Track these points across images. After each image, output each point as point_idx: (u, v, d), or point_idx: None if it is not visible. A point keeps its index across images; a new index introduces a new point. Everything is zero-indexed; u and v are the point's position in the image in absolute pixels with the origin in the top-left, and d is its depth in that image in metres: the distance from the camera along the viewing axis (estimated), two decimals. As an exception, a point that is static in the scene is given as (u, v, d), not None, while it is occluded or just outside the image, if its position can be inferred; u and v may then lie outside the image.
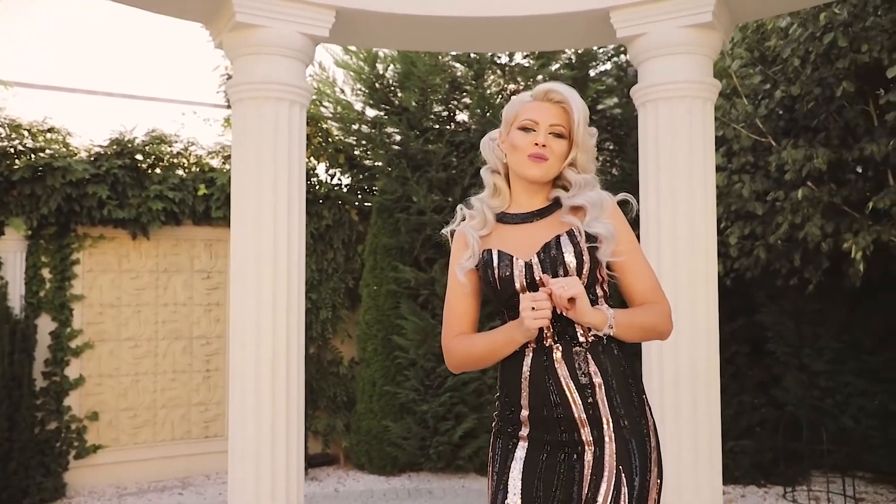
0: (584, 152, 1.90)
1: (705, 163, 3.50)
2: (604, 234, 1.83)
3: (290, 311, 3.39)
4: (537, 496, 1.79)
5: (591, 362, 1.81)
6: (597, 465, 1.77)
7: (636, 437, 1.80)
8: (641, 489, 1.77)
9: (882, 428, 5.92)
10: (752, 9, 3.65)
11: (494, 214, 1.95)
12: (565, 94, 1.90)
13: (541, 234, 1.88)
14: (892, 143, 4.66)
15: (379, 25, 3.64)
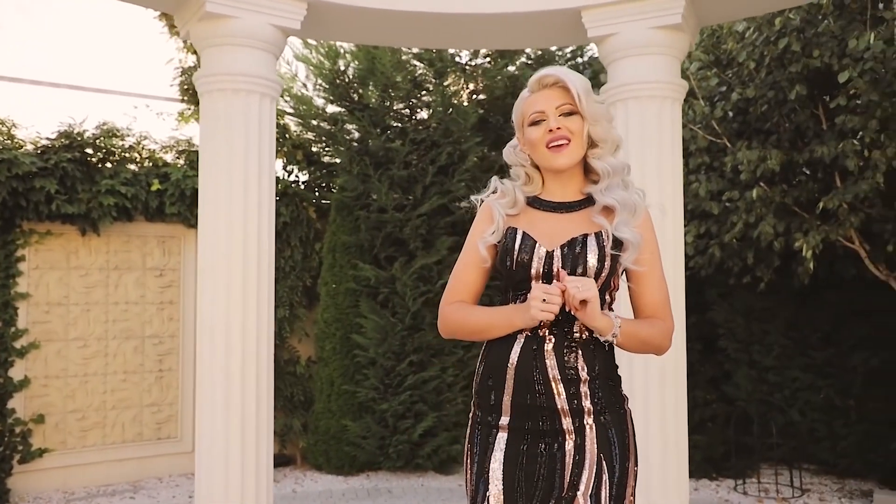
0: (596, 123, 1.87)
1: (674, 162, 3.56)
2: (631, 241, 1.82)
3: (260, 308, 3.31)
4: (519, 487, 1.78)
5: (581, 358, 1.81)
6: (578, 452, 1.77)
7: (616, 425, 1.82)
8: (621, 475, 1.79)
9: (826, 421, 6.13)
10: (718, 12, 3.73)
11: (526, 197, 1.93)
12: (557, 74, 1.88)
13: (569, 227, 1.86)
14: (841, 146, 4.82)
15: (351, 20, 3.59)
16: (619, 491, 1.76)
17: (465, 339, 1.98)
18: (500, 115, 6.80)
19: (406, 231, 6.28)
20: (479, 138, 6.44)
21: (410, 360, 6.18)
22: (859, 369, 5.97)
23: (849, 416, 6.02)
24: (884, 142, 4.81)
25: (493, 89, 6.68)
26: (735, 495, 5.87)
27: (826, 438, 6.13)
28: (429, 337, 6.22)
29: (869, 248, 5.43)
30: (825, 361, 6.15)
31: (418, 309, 6.23)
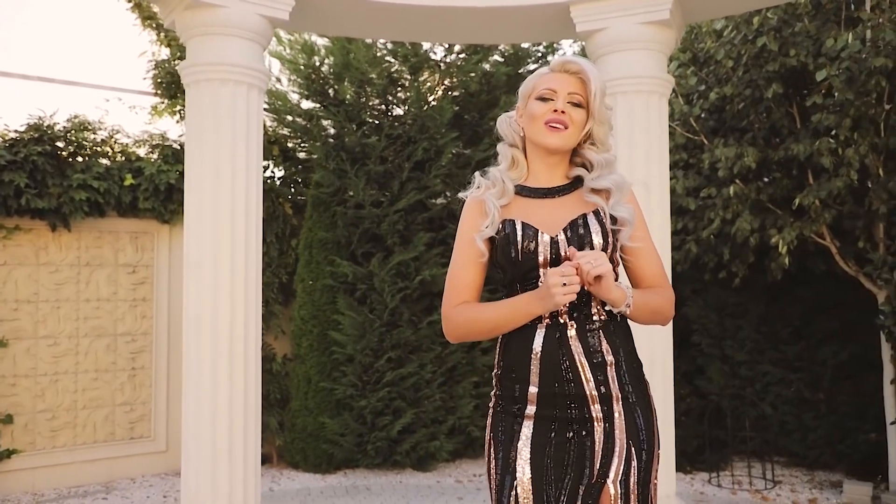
0: (601, 124, 1.89)
1: (661, 156, 3.59)
2: (627, 218, 1.83)
3: (248, 301, 3.25)
4: (548, 476, 1.77)
5: (604, 341, 1.81)
6: (607, 440, 1.77)
7: (642, 408, 1.83)
8: (648, 461, 1.80)
9: (796, 414, 6.24)
10: (705, 8, 3.76)
11: (513, 186, 1.92)
12: (582, 65, 1.89)
13: (564, 211, 1.86)
14: (816, 144, 4.91)
15: (339, 11, 3.54)
16: (646, 476, 1.77)
17: (478, 339, 1.93)
18: (475, 112, 6.79)
19: (383, 227, 6.23)
20: (455, 134, 6.41)
21: (388, 356, 6.13)
22: (828, 363, 6.09)
23: (818, 409, 6.13)
24: (857, 139, 4.91)
25: (467, 85, 6.66)
26: (710, 488, 5.94)
27: (796, 431, 6.24)
28: (407, 333, 6.18)
29: (839, 245, 5.54)
30: (795, 356, 6.26)
31: (396, 305, 6.19)
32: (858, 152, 4.87)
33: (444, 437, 6.29)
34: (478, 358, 6.54)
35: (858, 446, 5.88)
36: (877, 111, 4.87)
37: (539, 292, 1.74)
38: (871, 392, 5.79)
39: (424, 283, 6.21)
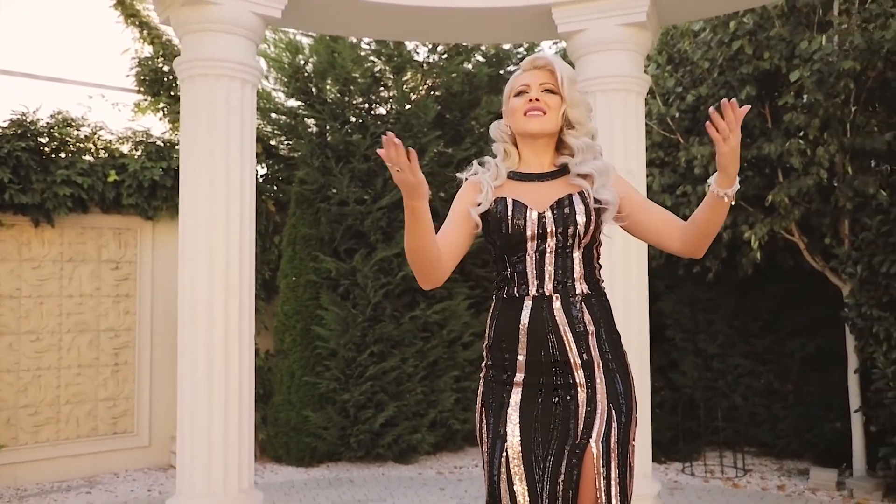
0: (575, 107, 2.03)
1: (638, 153, 3.74)
2: (610, 200, 1.96)
3: (242, 294, 3.34)
4: (536, 438, 1.89)
5: (586, 312, 1.94)
6: (590, 403, 1.90)
7: (621, 374, 1.97)
8: (627, 422, 1.93)
9: (766, 405, 6.45)
10: (680, 12, 3.93)
11: (506, 171, 2.06)
12: (549, 58, 2.07)
13: (552, 191, 2.00)
14: (787, 144, 5.11)
15: (330, 10, 3.65)
16: (625, 436, 1.90)
17: (419, 263, 1.92)
18: (457, 112, 6.92)
19: (366, 224, 6.34)
20: (438, 133, 6.54)
21: (371, 350, 6.24)
22: (796, 355, 6.31)
23: (787, 400, 6.34)
24: (826, 139, 5.12)
25: (450, 85, 6.79)
26: (683, 477, 6.12)
27: (766, 421, 6.45)
28: (389, 328, 6.29)
29: (807, 241, 5.75)
30: (765, 348, 6.47)
31: (379, 301, 6.29)
32: (828, 151, 5.08)
33: (426, 430, 6.40)
34: (459, 353, 6.66)
35: (825, 435, 6.10)
36: (844, 112, 5.08)
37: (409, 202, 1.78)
38: (836, 383, 6.01)
39: (407, 278, 6.32)
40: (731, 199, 1.86)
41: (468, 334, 6.67)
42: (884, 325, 5.09)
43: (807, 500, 5.46)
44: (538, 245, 1.94)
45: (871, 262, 5.19)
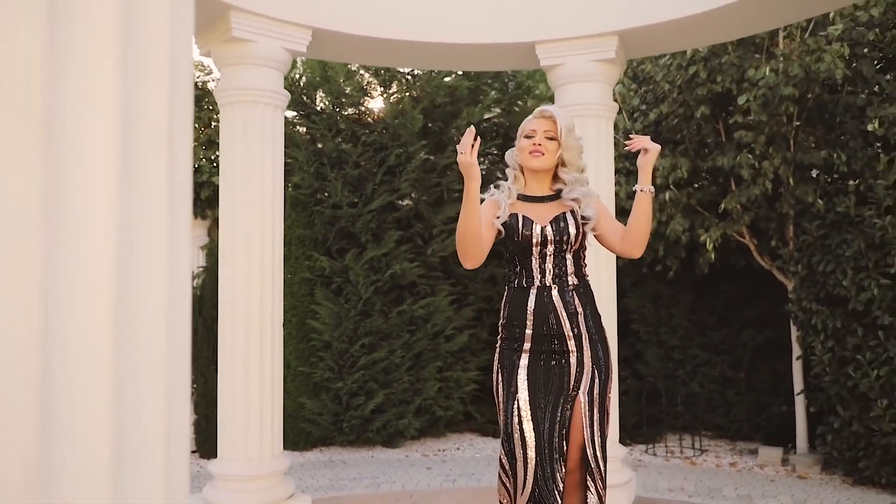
0: (568, 150, 2.80)
1: (608, 166, 4.53)
2: (591, 216, 2.73)
3: (274, 289, 4.05)
4: (538, 391, 2.64)
5: (576, 298, 2.70)
6: (579, 364, 2.66)
7: (601, 344, 2.72)
8: (606, 379, 2.71)
9: (721, 392, 7.31)
10: (642, 49, 4.72)
11: (516, 193, 2.80)
12: (552, 111, 2.82)
13: (549, 211, 2.77)
14: (737, 157, 5.94)
15: (346, 44, 4.37)
16: (604, 389, 2.66)
17: (468, 243, 2.63)
18: (440, 122, 7.65)
19: (357, 225, 7.04)
20: (424, 142, 7.27)
21: (362, 342, 6.94)
22: (748, 346, 7.17)
23: (739, 387, 7.21)
24: (771, 154, 5.96)
25: (433, 98, 7.51)
26: (646, 457, 6.94)
27: (721, 406, 7.30)
28: (378, 322, 7.01)
29: (757, 243, 6.60)
30: (720, 340, 7.33)
31: (369, 296, 7.00)
32: (773, 164, 5.92)
33: (412, 415, 7.13)
34: (441, 345, 7.40)
35: (772, 418, 6.98)
36: (787, 130, 5.93)
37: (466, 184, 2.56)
38: (783, 370, 6.88)
39: (395, 276, 7.05)
40: (649, 192, 2.68)
41: (450, 328, 7.42)
42: (821, 317, 5.95)
43: (755, 475, 6.31)
44: (541, 250, 2.70)
45: (810, 262, 6.05)
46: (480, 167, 7.88)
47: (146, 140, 0.86)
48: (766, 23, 4.50)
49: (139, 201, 0.92)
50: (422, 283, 7.30)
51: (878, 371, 5.53)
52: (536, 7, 4.42)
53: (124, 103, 0.82)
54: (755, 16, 4.13)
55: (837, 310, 5.86)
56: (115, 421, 0.87)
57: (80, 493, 0.82)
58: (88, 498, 0.84)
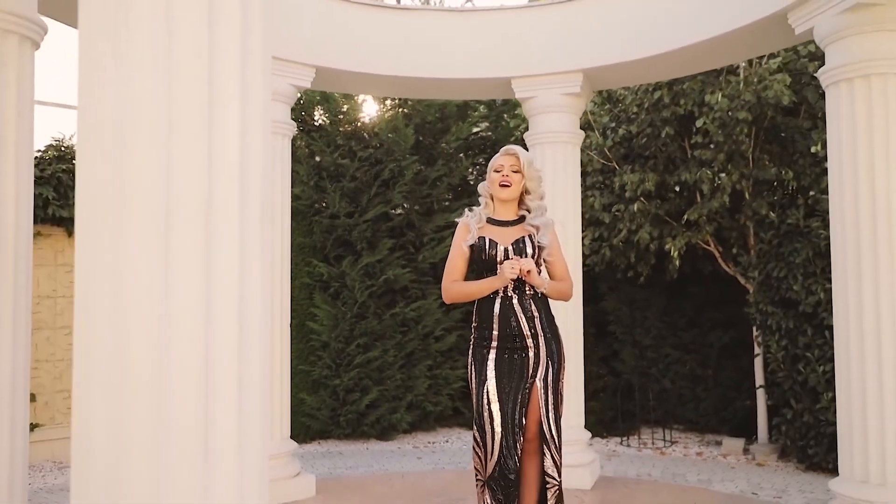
0: (530, 180, 3.54)
1: (574, 187, 5.27)
2: (546, 243, 3.47)
3: (283, 293, 4.77)
4: (503, 377, 3.37)
5: (533, 304, 3.43)
6: (535, 357, 3.40)
7: (556, 342, 3.46)
8: (558, 370, 3.44)
9: (691, 388, 8.05)
10: (604, 84, 5.48)
11: (485, 217, 3.52)
12: (516, 150, 3.57)
13: (513, 234, 3.50)
14: (699, 173, 6.68)
15: (345, 78, 5.11)
16: (556, 376, 3.40)
17: (462, 301, 3.51)
18: (430, 137, 8.39)
19: (354, 234, 7.77)
20: (416, 157, 8.00)
21: (358, 342, 7.67)
22: (715, 346, 7.92)
23: (707, 383, 7.96)
24: (729, 170, 6.71)
25: (424, 115, 8.25)
26: (621, 448, 7.69)
27: (691, 401, 8.05)
28: (373, 323, 7.74)
29: (722, 250, 7.35)
30: (690, 340, 8.08)
31: (364, 300, 7.74)
32: (731, 180, 6.67)
33: (404, 410, 7.87)
34: (432, 345, 8.14)
35: (737, 412, 7.73)
36: (744, 148, 6.67)
37: (497, 276, 3.35)
38: (746, 368, 7.63)
39: (388, 281, 7.78)
40: (546, 289, 3.43)
41: (439, 329, 8.15)
42: (776, 318, 6.69)
43: (718, 463, 7.06)
44: None
45: (766, 269, 6.80)
46: (468, 179, 8.65)
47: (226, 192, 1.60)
48: (708, 64, 5.28)
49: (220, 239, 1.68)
50: (413, 288, 8.03)
51: (825, 367, 6.27)
52: (512, 47, 5.18)
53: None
54: (698, 59, 4.90)
55: (790, 312, 6.60)
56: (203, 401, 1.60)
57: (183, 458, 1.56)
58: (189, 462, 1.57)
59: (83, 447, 1.68)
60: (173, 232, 1.66)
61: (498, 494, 3.30)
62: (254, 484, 1.77)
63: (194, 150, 1.72)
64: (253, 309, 1.77)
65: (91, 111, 1.75)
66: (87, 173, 1.73)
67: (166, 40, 1.73)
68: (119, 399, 1.64)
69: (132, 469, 1.64)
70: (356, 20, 5.05)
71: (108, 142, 1.72)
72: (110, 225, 1.67)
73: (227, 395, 1.72)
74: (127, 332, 1.65)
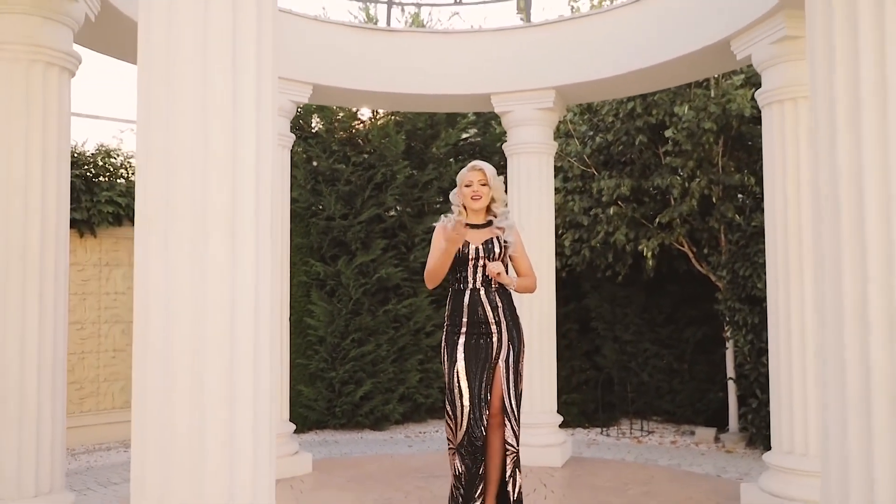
0: (496, 190, 4.23)
1: (549, 194, 5.94)
2: (511, 242, 4.15)
3: (283, 290, 5.42)
4: (471, 359, 4.03)
5: (497, 297, 4.10)
6: (498, 342, 4.07)
7: (516, 329, 4.13)
8: (518, 353, 4.12)
9: (668, 381, 8.71)
10: (574, 99, 6.16)
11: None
12: (482, 166, 4.24)
13: (483, 235, 4.18)
14: (670, 178, 7.34)
15: (339, 94, 5.79)
16: (517, 358, 4.07)
17: (436, 270, 4.08)
18: (421, 143, 9.05)
19: (349, 235, 8.43)
20: (407, 162, 8.66)
21: (353, 337, 8.34)
22: (690, 341, 8.58)
23: (683, 376, 8.61)
24: (698, 176, 7.36)
25: (415, 122, 8.91)
26: (601, 437, 8.34)
27: (668, 393, 8.71)
28: (367, 319, 8.40)
29: (695, 251, 8.00)
30: (667, 335, 8.73)
31: (359, 297, 8.40)
32: (700, 185, 7.32)
33: (396, 402, 8.53)
34: (422, 340, 8.80)
35: (710, 403, 8.38)
36: (712, 155, 7.33)
37: (451, 241, 3.96)
38: (719, 362, 8.29)
39: (381, 279, 8.44)
40: (514, 286, 4.11)
41: (430, 325, 8.80)
42: (742, 314, 7.35)
43: (690, 450, 7.72)
44: (474, 263, 4.08)
45: (734, 268, 7.45)
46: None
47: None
48: (665, 83, 5.98)
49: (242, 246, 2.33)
50: (405, 286, 8.69)
51: (785, 359, 6.92)
52: (491, 66, 5.86)
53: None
54: (656, 79, 5.58)
55: (755, 308, 7.25)
56: (230, 390, 2.27)
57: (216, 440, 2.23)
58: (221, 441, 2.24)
59: (142, 405, 2.35)
60: (210, 239, 2.32)
61: (466, 459, 3.95)
62: (265, 440, 2.45)
63: (223, 172, 2.39)
64: (264, 301, 2.43)
65: (147, 141, 2.42)
66: (143, 191, 2.39)
67: (202, 91, 2.39)
68: (169, 374, 2.31)
69: (176, 422, 2.32)
70: (349, 41, 5.72)
71: (159, 165, 2.39)
72: (162, 233, 2.33)
73: (246, 372, 2.42)
74: (174, 319, 2.31)
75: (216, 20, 2.46)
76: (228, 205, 2.40)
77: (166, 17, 2.46)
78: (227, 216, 2.39)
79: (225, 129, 2.42)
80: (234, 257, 2.39)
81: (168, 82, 2.44)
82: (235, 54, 2.48)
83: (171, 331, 2.37)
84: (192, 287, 2.36)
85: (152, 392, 2.40)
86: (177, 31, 2.45)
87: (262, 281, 2.48)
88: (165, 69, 2.44)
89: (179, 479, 2.38)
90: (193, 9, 2.45)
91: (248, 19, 2.53)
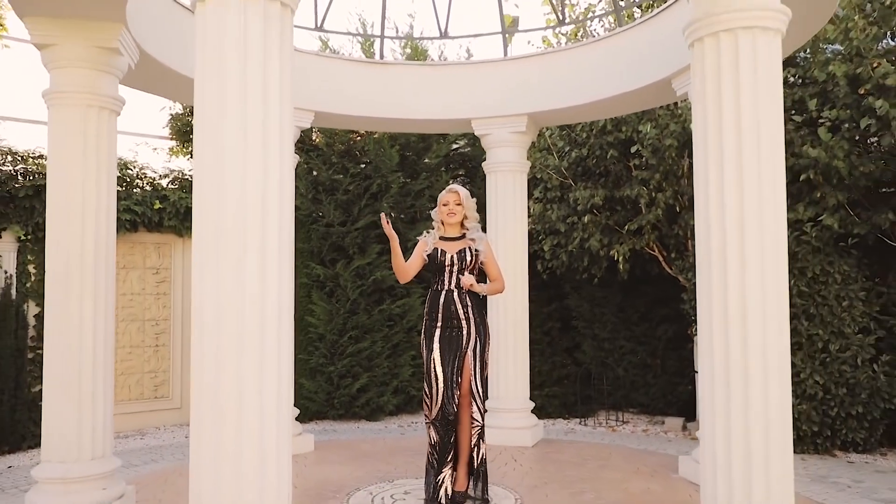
0: (469, 209, 5.29)
1: (522, 208, 7.01)
2: (482, 251, 5.20)
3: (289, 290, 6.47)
4: (445, 349, 5.08)
5: (468, 298, 5.16)
6: (468, 335, 5.14)
7: (483, 325, 5.20)
8: (484, 345, 5.19)
9: (642, 375, 9.77)
10: (545, 122, 7.21)
11: (438, 236, 5.23)
12: (457, 189, 5.30)
13: (457, 246, 5.25)
14: (638, 189, 8.40)
15: (337, 120, 6.86)
16: (483, 348, 5.15)
17: (402, 269, 5.17)
18: (414, 154, 10.11)
19: (346, 240, 9.50)
20: (400, 172, 9.73)
21: (350, 334, 9.40)
22: (662, 338, 9.64)
23: (656, 371, 9.68)
24: (664, 187, 8.42)
25: (408, 136, 9.96)
26: (580, 427, 9.41)
27: (642, 387, 9.78)
28: (363, 318, 9.47)
29: (665, 255, 9.06)
30: (641, 333, 9.80)
31: (356, 297, 9.46)
32: (665, 196, 8.38)
33: (390, 394, 9.59)
34: (415, 337, 9.86)
35: (680, 395, 9.45)
36: (677, 167, 8.38)
37: (394, 245, 5.04)
38: (689, 357, 9.34)
39: (376, 281, 9.51)
40: (485, 290, 5.18)
41: (422, 324, 9.85)
42: (704, 314, 8.38)
43: (659, 437, 8.78)
44: (450, 269, 5.13)
45: (697, 271, 8.49)
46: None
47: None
48: (620, 111, 7.06)
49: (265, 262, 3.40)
50: (399, 287, 9.76)
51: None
52: (471, 94, 6.95)
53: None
54: (612, 108, 6.66)
55: (715, 308, 8.30)
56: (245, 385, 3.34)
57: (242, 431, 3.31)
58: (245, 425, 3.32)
59: (201, 376, 3.40)
60: (248, 247, 3.38)
61: (440, 430, 5.02)
62: (286, 408, 3.50)
63: (255, 196, 3.43)
64: (285, 298, 3.48)
65: (201, 183, 3.47)
66: (199, 219, 3.45)
67: (243, 142, 3.44)
68: (221, 362, 3.36)
69: (224, 388, 3.37)
70: (346, 73, 6.79)
71: (212, 193, 3.44)
72: (213, 241, 3.38)
73: (271, 361, 3.46)
74: (222, 314, 3.36)
75: (251, 103, 3.50)
76: (260, 228, 3.44)
77: (216, 102, 3.49)
78: (259, 237, 3.43)
79: (257, 173, 3.46)
80: (265, 267, 3.43)
81: (216, 139, 3.48)
82: (266, 129, 3.51)
83: (218, 329, 3.41)
84: (235, 289, 3.40)
85: (208, 371, 3.44)
86: (222, 109, 3.50)
87: (283, 285, 3.52)
88: (214, 136, 3.48)
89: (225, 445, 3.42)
90: (237, 99, 3.48)
91: (273, 106, 3.56)
